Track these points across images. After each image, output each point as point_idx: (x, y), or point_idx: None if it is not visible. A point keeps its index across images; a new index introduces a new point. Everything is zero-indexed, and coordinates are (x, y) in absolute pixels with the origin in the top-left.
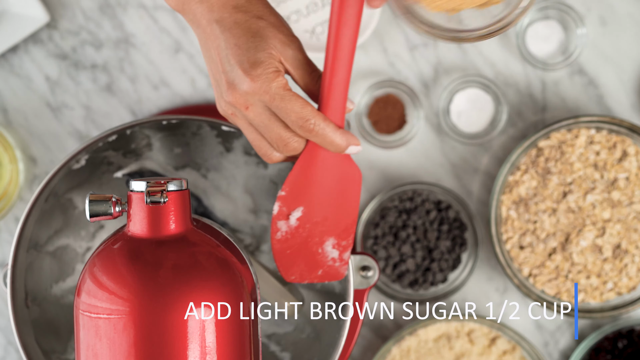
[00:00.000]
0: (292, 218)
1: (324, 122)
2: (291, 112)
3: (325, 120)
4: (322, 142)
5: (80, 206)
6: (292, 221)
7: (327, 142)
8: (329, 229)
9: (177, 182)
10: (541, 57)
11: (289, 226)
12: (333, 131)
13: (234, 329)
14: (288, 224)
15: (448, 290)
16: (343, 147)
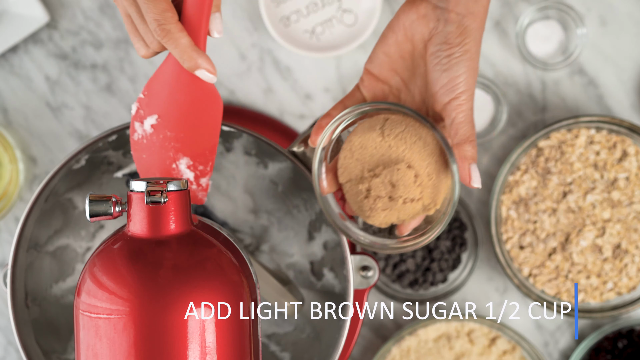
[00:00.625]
0: (146, 123)
1: (179, 32)
2: (150, 11)
3: (182, 31)
4: (173, 52)
5: (80, 206)
6: (147, 126)
7: (178, 54)
8: (183, 147)
9: (177, 182)
10: (541, 57)
11: (144, 131)
12: (186, 45)
13: (234, 329)
14: (143, 128)
15: (448, 290)
16: (191, 65)
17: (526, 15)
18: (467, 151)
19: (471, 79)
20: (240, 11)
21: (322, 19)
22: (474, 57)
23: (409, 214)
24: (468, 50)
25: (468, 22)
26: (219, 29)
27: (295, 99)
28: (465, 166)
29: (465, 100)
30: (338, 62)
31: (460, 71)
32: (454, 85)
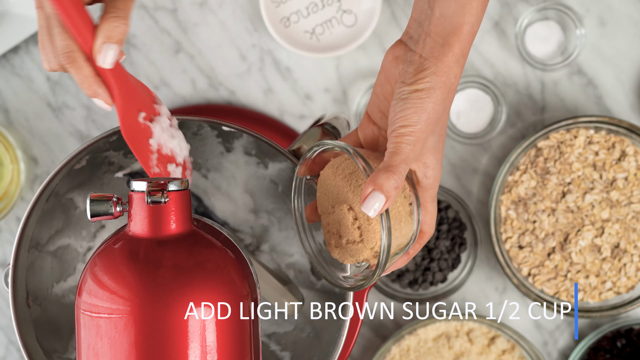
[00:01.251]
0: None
1: (84, 62)
2: (60, 38)
3: (86, 61)
4: (75, 78)
5: (81, 206)
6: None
7: (78, 81)
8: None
9: (177, 182)
10: (540, 57)
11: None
12: (88, 75)
13: (234, 328)
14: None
15: (447, 289)
16: (90, 93)
17: (525, 16)
18: (378, 177)
19: (415, 116)
20: (240, 12)
21: (322, 19)
22: (426, 98)
23: (359, 256)
24: (419, 90)
25: (428, 64)
26: (107, 61)
27: (295, 99)
28: (367, 189)
29: (401, 135)
30: (338, 62)
31: (404, 107)
32: (396, 119)
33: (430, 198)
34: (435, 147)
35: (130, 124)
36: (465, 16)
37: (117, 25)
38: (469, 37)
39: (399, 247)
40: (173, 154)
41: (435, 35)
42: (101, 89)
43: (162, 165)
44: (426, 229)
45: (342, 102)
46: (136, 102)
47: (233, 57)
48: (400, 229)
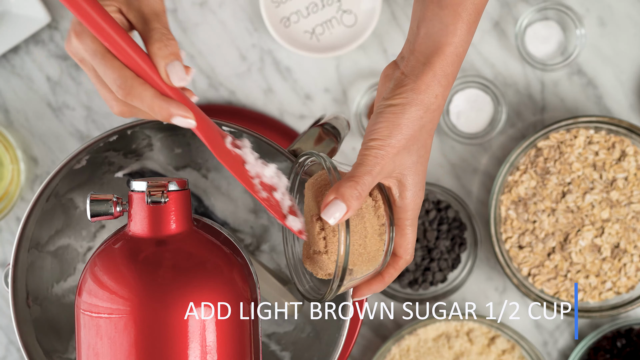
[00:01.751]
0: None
1: (141, 87)
2: (108, 74)
3: (143, 84)
4: (142, 108)
5: (81, 206)
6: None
7: (147, 109)
8: None
9: (177, 182)
10: (540, 57)
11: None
12: (152, 97)
13: (234, 328)
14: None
15: (447, 289)
16: (164, 116)
17: (525, 16)
18: (340, 186)
19: (387, 130)
20: (240, 12)
21: (322, 19)
22: (399, 113)
23: (326, 269)
24: (394, 104)
25: (407, 81)
26: (180, 76)
27: (295, 99)
28: (329, 197)
29: (369, 147)
30: (338, 62)
31: (377, 120)
32: (369, 132)
33: (408, 221)
34: (414, 167)
35: (218, 145)
36: (448, 37)
37: (166, 44)
38: (452, 57)
39: (366, 265)
40: (272, 182)
41: (419, 54)
42: (175, 106)
43: (268, 192)
44: (401, 253)
45: (342, 102)
46: (215, 128)
47: (233, 57)
48: (365, 245)
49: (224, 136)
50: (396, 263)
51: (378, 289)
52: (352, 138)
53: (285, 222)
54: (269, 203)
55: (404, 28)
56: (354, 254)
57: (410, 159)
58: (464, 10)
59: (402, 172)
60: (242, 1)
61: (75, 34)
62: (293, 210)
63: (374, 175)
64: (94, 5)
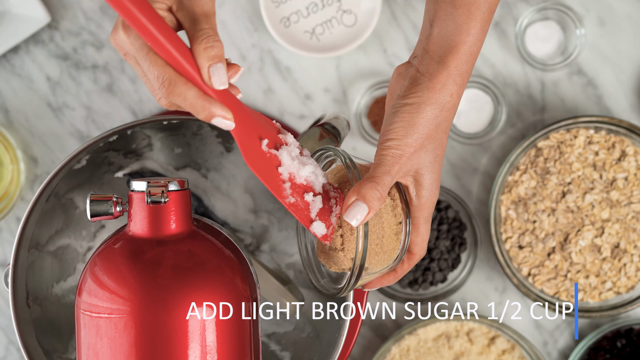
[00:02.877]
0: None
1: (184, 86)
2: (152, 70)
3: (186, 84)
4: (184, 107)
5: (81, 206)
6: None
7: (189, 108)
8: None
9: (177, 182)
10: (540, 57)
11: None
12: (194, 97)
13: (234, 328)
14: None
15: (447, 289)
16: (206, 115)
17: (525, 16)
18: (361, 187)
19: (403, 130)
20: (240, 12)
21: (322, 19)
22: (415, 113)
23: (340, 264)
24: (410, 104)
25: (422, 80)
26: (222, 80)
27: (295, 99)
28: (350, 198)
29: (387, 147)
30: (338, 62)
31: (393, 120)
32: (385, 132)
33: (423, 219)
34: (431, 167)
35: (252, 150)
36: (462, 35)
37: (211, 44)
38: (466, 56)
39: (381, 263)
40: (309, 183)
41: (433, 53)
42: (216, 106)
43: (298, 195)
44: (416, 250)
45: (342, 102)
46: (255, 129)
47: (233, 57)
48: (382, 244)
49: (262, 137)
50: (410, 259)
51: (390, 282)
52: (352, 138)
53: (310, 228)
54: (296, 208)
55: (404, 28)
56: (371, 253)
57: (427, 157)
58: (477, 9)
59: (419, 170)
60: (242, 1)
61: (123, 27)
62: (326, 211)
63: (393, 175)
64: (140, 4)
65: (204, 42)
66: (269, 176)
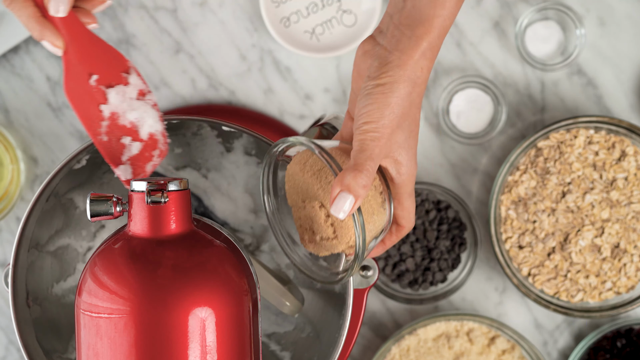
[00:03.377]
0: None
1: (23, 2)
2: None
3: (25, 2)
4: (20, 20)
5: (81, 206)
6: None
7: (23, 23)
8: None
9: (177, 182)
10: (540, 57)
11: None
12: (30, 15)
13: (234, 328)
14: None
15: (447, 289)
16: (36, 35)
17: (525, 16)
18: (345, 177)
19: (378, 112)
20: (240, 12)
21: (322, 19)
22: (389, 93)
23: (334, 249)
24: (382, 84)
25: (392, 58)
26: (57, 9)
27: (295, 99)
28: (335, 190)
29: (365, 131)
30: (338, 62)
31: (367, 102)
32: (359, 116)
33: (406, 194)
34: (407, 143)
35: (76, 81)
36: (436, 9)
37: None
38: (439, 30)
39: (374, 237)
40: (133, 127)
41: (404, 27)
42: (48, 30)
43: (114, 136)
44: (404, 223)
45: (342, 102)
46: (91, 62)
47: (233, 57)
48: (374, 221)
49: (94, 72)
50: (399, 232)
51: (379, 253)
52: None
53: (116, 169)
54: (106, 147)
55: None
56: (367, 232)
57: (402, 135)
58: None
59: (396, 149)
60: (242, 1)
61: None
62: (145, 158)
63: (376, 160)
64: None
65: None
66: (85, 110)
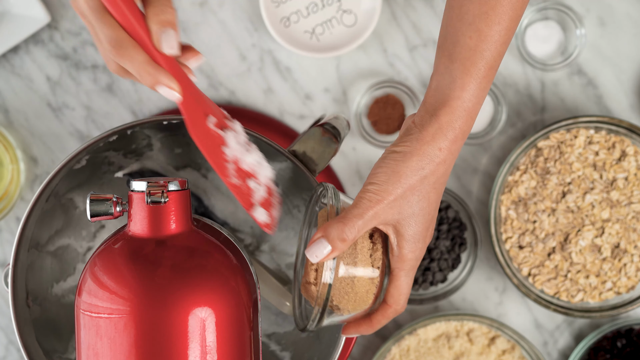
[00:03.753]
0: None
1: (133, 49)
2: (104, 31)
3: (136, 47)
4: (131, 70)
5: (81, 206)
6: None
7: (135, 71)
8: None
9: (177, 182)
10: (540, 57)
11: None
12: (142, 61)
13: (234, 328)
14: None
15: (448, 289)
16: (151, 82)
17: (525, 15)
18: (329, 225)
19: (384, 176)
20: (240, 12)
21: (322, 19)
22: (400, 161)
23: (311, 297)
24: (397, 152)
25: (414, 131)
26: (171, 45)
27: (295, 99)
28: (317, 234)
29: (365, 191)
30: (338, 62)
31: (379, 166)
32: (369, 177)
33: (403, 272)
34: (413, 219)
35: (198, 124)
36: (455, 90)
37: (164, 10)
38: (460, 111)
39: (353, 305)
40: (253, 172)
41: (428, 105)
42: (163, 75)
43: (241, 179)
44: (391, 302)
45: (342, 102)
46: (203, 107)
47: (233, 57)
48: (353, 285)
49: (207, 114)
50: (385, 310)
51: (366, 332)
52: (352, 138)
53: (251, 212)
54: (239, 190)
55: (404, 28)
56: (340, 292)
57: (409, 209)
58: (473, 65)
59: (400, 221)
60: (242, 1)
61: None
62: (269, 204)
63: (366, 220)
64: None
65: (157, 6)
66: (213, 152)
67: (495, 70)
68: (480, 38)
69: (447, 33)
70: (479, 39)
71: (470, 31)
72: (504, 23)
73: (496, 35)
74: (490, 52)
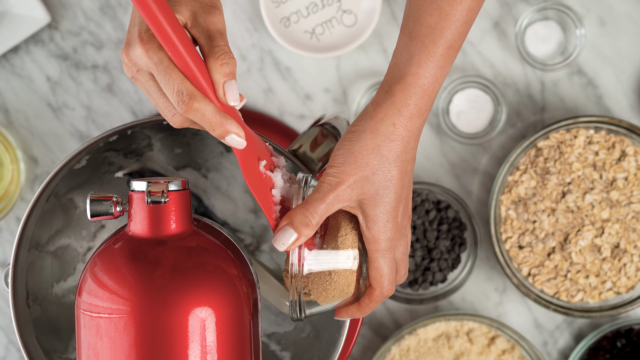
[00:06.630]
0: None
1: (202, 102)
2: (171, 83)
3: (204, 99)
4: (201, 124)
5: (81, 206)
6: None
7: (206, 126)
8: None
9: (177, 182)
10: (540, 57)
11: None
12: (212, 113)
13: (234, 328)
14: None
15: (447, 289)
16: (221, 133)
17: (525, 16)
18: (293, 212)
19: (342, 158)
20: (240, 12)
21: (322, 19)
22: (354, 140)
23: (286, 286)
24: (352, 132)
25: (368, 109)
26: (235, 97)
27: (295, 99)
28: (281, 223)
29: (325, 174)
30: (338, 62)
31: (337, 148)
32: (329, 159)
33: (378, 254)
34: (377, 199)
35: (252, 170)
36: (412, 67)
37: (227, 61)
38: (415, 88)
39: (333, 292)
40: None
41: (385, 83)
42: (232, 124)
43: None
44: (374, 285)
45: (342, 102)
46: (255, 150)
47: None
48: (330, 273)
49: (261, 158)
50: (371, 294)
51: (355, 315)
52: None
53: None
54: None
55: None
56: (315, 280)
57: (371, 188)
58: (432, 43)
59: (364, 201)
60: (242, 1)
61: (141, 41)
62: (309, 246)
63: (328, 203)
64: (167, 15)
65: (220, 58)
66: (264, 197)
67: (455, 50)
68: (441, 16)
69: (410, 11)
70: (439, 17)
71: (432, 9)
72: (467, 2)
73: (457, 14)
74: (451, 31)
